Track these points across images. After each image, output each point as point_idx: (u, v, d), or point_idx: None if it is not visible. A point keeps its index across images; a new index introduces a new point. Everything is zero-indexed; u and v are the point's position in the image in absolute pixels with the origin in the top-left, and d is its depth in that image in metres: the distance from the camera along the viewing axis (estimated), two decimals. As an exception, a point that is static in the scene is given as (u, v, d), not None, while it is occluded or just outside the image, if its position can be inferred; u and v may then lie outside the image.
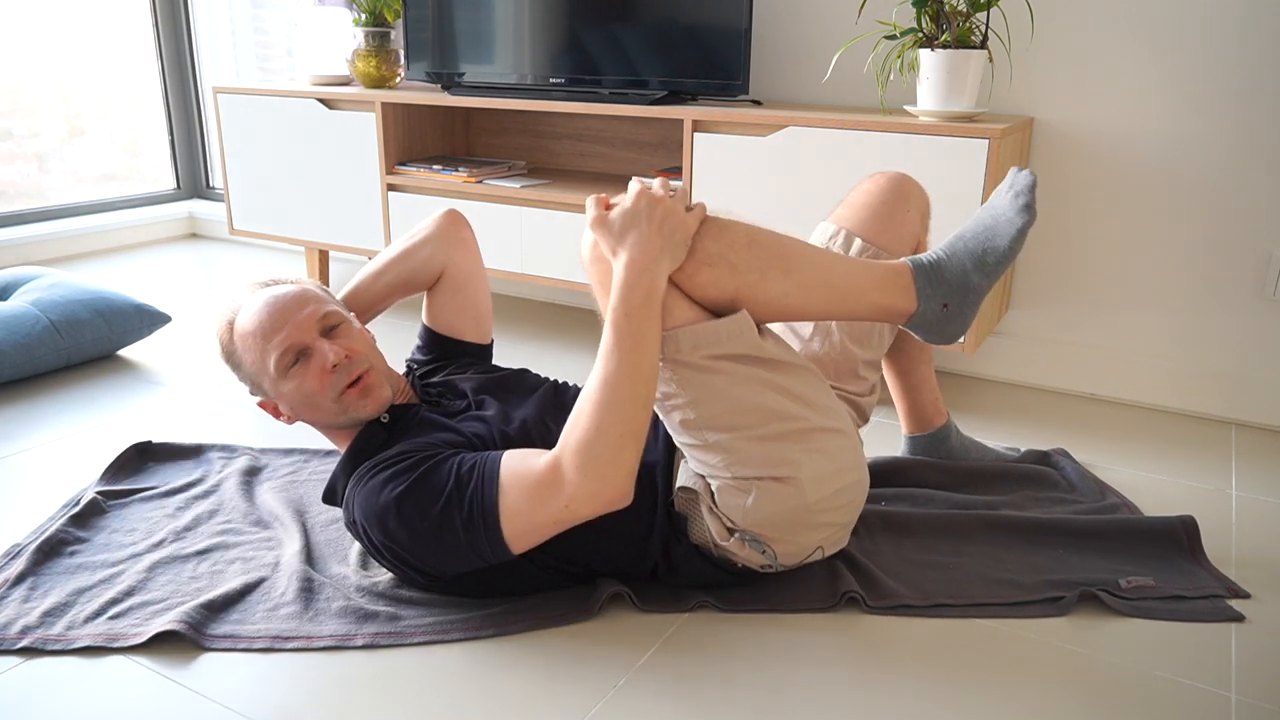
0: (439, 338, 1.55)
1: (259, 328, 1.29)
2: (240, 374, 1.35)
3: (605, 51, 2.27)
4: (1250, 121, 1.85)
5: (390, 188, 2.53)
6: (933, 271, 1.25)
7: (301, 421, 1.36)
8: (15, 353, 2.05)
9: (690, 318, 1.18)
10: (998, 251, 1.25)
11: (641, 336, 1.13)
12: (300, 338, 1.29)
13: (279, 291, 1.33)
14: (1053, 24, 1.98)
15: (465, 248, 1.54)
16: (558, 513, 1.16)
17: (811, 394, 1.23)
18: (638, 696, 1.13)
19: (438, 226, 1.53)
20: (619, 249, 1.16)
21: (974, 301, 1.26)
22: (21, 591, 1.30)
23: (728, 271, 1.18)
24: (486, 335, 1.58)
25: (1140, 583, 1.33)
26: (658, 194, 1.17)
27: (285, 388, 1.30)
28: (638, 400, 1.13)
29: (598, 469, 1.13)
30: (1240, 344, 1.96)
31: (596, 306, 1.24)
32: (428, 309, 1.56)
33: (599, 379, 1.14)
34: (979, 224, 1.28)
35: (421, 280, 1.53)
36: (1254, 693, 1.14)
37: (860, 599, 1.29)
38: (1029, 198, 1.25)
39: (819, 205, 1.95)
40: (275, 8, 3.49)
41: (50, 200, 3.43)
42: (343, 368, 1.29)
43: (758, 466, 1.20)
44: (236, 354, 1.33)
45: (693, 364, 1.18)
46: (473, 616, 1.25)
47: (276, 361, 1.28)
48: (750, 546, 1.24)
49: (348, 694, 1.13)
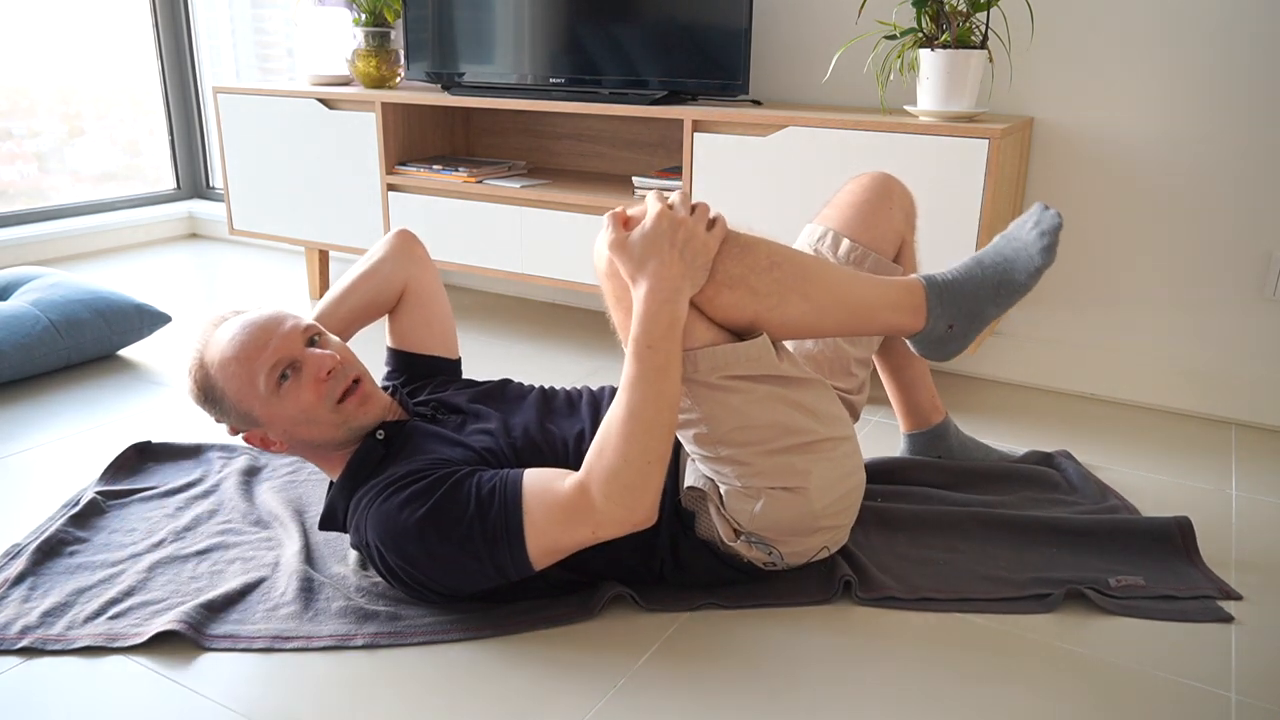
0: (409, 357, 1.52)
1: (241, 350, 1.23)
2: (222, 409, 1.27)
3: (605, 51, 2.27)
4: (1250, 121, 1.85)
5: (390, 188, 2.53)
6: (945, 292, 1.26)
7: (294, 451, 1.30)
8: (15, 353, 2.05)
9: (709, 339, 1.17)
10: (1014, 285, 1.26)
11: (665, 367, 1.12)
12: (288, 350, 1.24)
13: (252, 314, 1.27)
14: (1053, 24, 1.98)
15: (423, 264, 1.52)
16: (584, 536, 1.16)
17: (821, 405, 1.23)
18: (638, 696, 1.13)
19: (392, 245, 1.51)
20: (639, 276, 1.13)
21: (979, 328, 1.27)
22: (21, 591, 1.30)
23: (748, 295, 1.16)
24: (455, 350, 1.56)
25: (1130, 582, 1.33)
26: (679, 215, 1.13)
27: (278, 407, 1.24)
28: (663, 427, 1.13)
29: (626, 496, 1.13)
30: (1240, 344, 1.96)
31: (607, 313, 1.23)
32: (393, 331, 1.54)
33: (625, 409, 1.13)
34: (998, 253, 1.28)
35: (385, 300, 1.50)
36: (1254, 693, 1.14)
37: (853, 584, 1.31)
38: (1053, 239, 1.24)
39: (819, 205, 1.95)
40: (275, 8, 3.49)
41: (50, 200, 3.43)
42: (337, 373, 1.26)
43: (768, 478, 1.21)
44: (216, 388, 1.25)
45: (709, 384, 1.18)
46: (473, 616, 1.25)
47: (266, 379, 1.22)
48: (756, 548, 1.25)
49: (348, 694, 1.13)
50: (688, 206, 1.15)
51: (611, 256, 1.15)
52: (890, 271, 1.49)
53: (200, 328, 1.30)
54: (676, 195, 1.16)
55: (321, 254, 2.83)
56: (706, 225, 1.15)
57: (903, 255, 1.54)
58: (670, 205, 1.14)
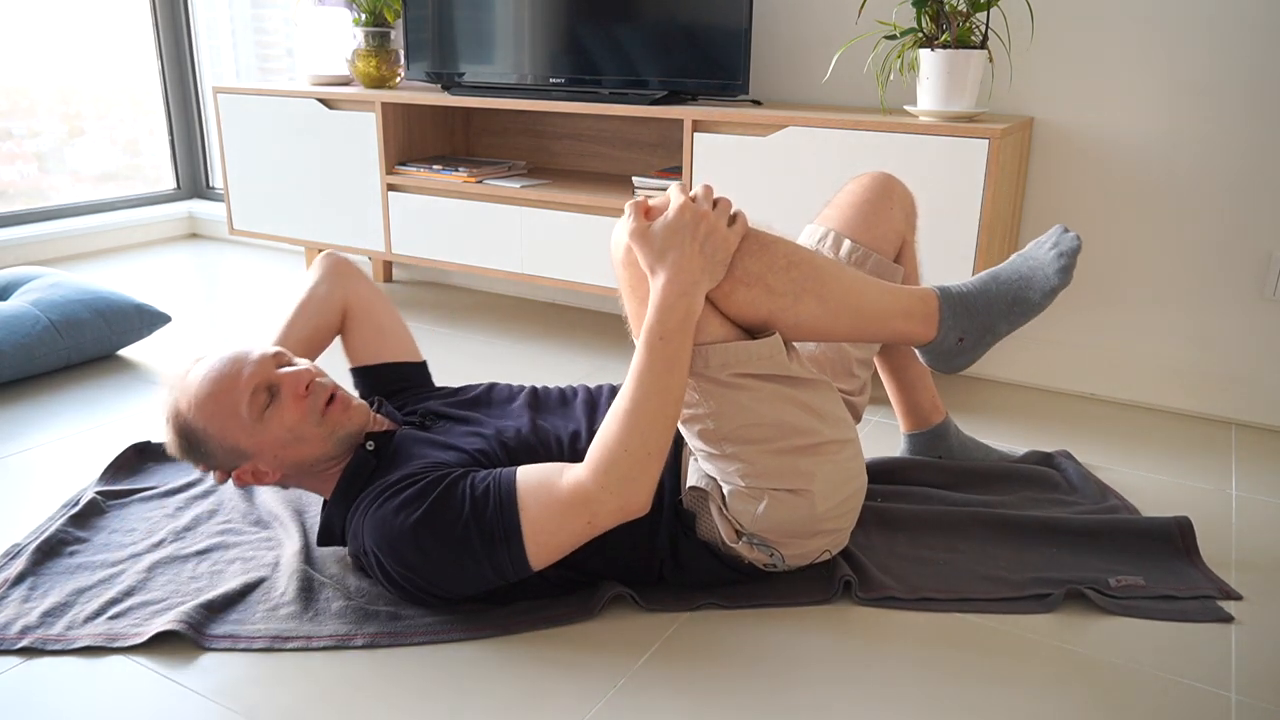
0: (374, 370, 1.52)
1: (217, 386, 1.23)
2: (206, 451, 1.26)
3: (605, 51, 2.27)
4: (1251, 121, 1.85)
5: (390, 188, 2.53)
6: (959, 304, 1.26)
7: (287, 478, 1.30)
8: (15, 353, 2.05)
9: (722, 334, 1.18)
10: (1028, 303, 1.27)
11: (674, 360, 1.13)
12: (264, 375, 1.24)
13: (217, 356, 1.27)
14: (1053, 24, 1.98)
15: (357, 278, 1.52)
16: (581, 529, 1.16)
17: (827, 407, 1.24)
18: (638, 696, 1.13)
19: (323, 269, 1.51)
20: (658, 267, 1.13)
21: (989, 343, 1.29)
22: (21, 591, 1.30)
23: (764, 293, 1.17)
24: (416, 353, 1.56)
25: (1130, 582, 1.33)
26: (702, 209, 1.13)
27: (265, 433, 1.24)
28: (667, 420, 1.14)
29: (624, 487, 1.14)
30: (1240, 344, 1.96)
31: (620, 303, 1.23)
32: (349, 351, 1.53)
33: (630, 400, 1.13)
34: (1015, 271, 1.29)
35: (330, 323, 1.50)
36: (1254, 693, 1.14)
37: (853, 584, 1.31)
38: (1071, 261, 1.25)
39: (819, 205, 1.95)
40: (275, 8, 3.50)
41: (50, 200, 3.43)
42: (315, 386, 1.26)
43: (772, 478, 1.21)
44: (197, 430, 1.24)
45: (719, 380, 1.18)
46: (473, 616, 1.25)
47: (249, 407, 1.22)
48: (758, 549, 1.25)
49: (348, 694, 1.13)
50: (710, 200, 1.15)
51: (631, 245, 1.15)
52: (892, 272, 1.49)
53: (168, 383, 1.29)
54: (700, 188, 1.16)
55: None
56: (728, 221, 1.15)
57: (903, 255, 1.54)
58: (693, 198, 1.14)
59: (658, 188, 2.18)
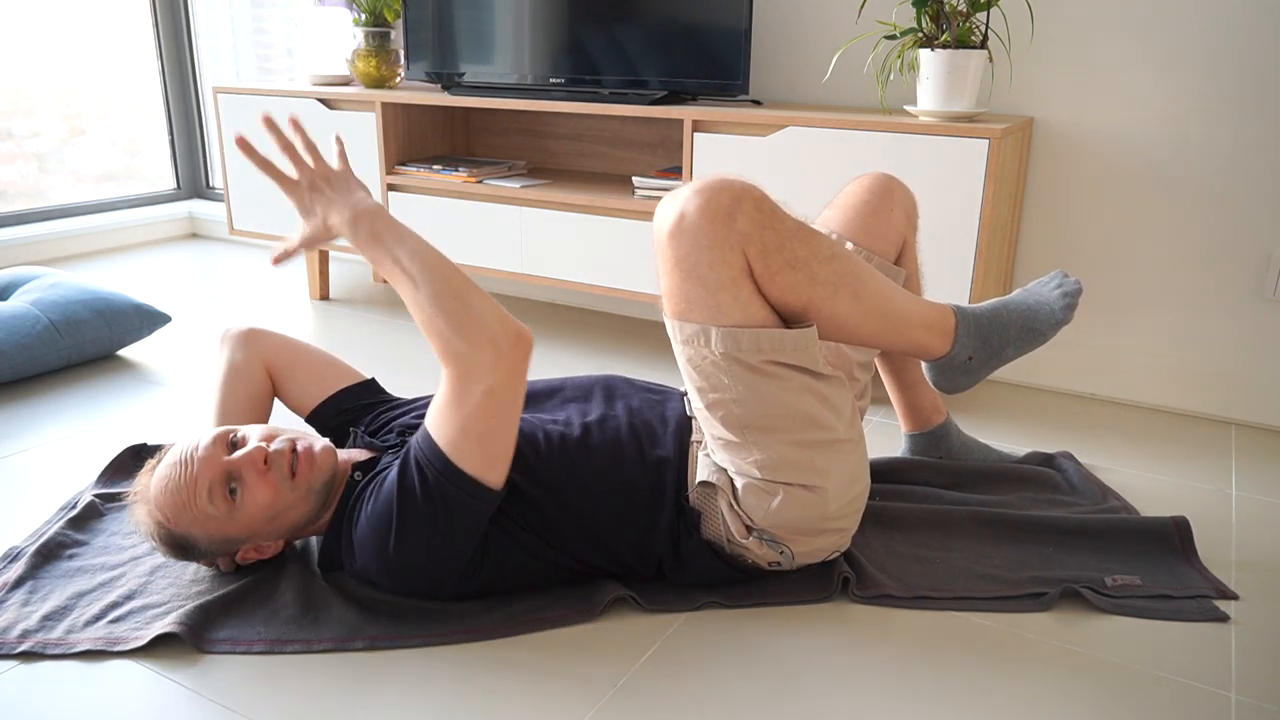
0: (323, 407, 1.49)
1: (178, 496, 1.21)
2: (201, 550, 1.26)
3: (605, 51, 2.27)
4: (1250, 121, 1.85)
5: (390, 188, 2.53)
6: (975, 322, 1.32)
7: (289, 539, 1.30)
8: (15, 353, 2.05)
9: (760, 318, 1.19)
10: (1035, 332, 1.35)
11: (413, 254, 1.13)
12: (217, 468, 1.21)
13: (165, 462, 1.25)
14: (1053, 24, 1.98)
15: (266, 338, 1.51)
16: (482, 400, 1.13)
17: (843, 405, 1.26)
18: (638, 696, 1.13)
19: (231, 344, 1.50)
20: (330, 226, 1.18)
21: (994, 366, 1.36)
22: (21, 595, 1.30)
23: (807, 280, 1.18)
24: (356, 375, 1.54)
25: (1126, 581, 1.34)
26: (302, 174, 1.18)
27: (245, 517, 1.23)
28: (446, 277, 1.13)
29: (474, 336, 1.11)
30: (1240, 344, 1.95)
31: (657, 280, 1.23)
32: (293, 407, 1.52)
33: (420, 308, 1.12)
34: (1023, 303, 1.36)
35: (260, 389, 1.49)
36: (1254, 693, 1.14)
37: (851, 580, 1.32)
38: (1074, 300, 1.36)
39: (819, 205, 1.95)
40: (275, 8, 3.49)
41: (50, 200, 3.43)
42: (274, 458, 1.23)
43: (789, 471, 1.22)
44: (182, 536, 1.24)
45: (751, 365, 1.19)
46: (473, 617, 1.25)
47: (215, 503, 1.21)
48: (768, 546, 1.26)
49: (349, 695, 1.13)
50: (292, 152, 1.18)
51: (334, 225, 1.18)
52: (894, 275, 1.50)
53: (138, 498, 1.28)
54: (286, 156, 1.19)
55: (321, 254, 2.83)
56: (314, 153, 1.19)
57: (904, 256, 1.55)
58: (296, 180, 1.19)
59: (658, 188, 2.18)
